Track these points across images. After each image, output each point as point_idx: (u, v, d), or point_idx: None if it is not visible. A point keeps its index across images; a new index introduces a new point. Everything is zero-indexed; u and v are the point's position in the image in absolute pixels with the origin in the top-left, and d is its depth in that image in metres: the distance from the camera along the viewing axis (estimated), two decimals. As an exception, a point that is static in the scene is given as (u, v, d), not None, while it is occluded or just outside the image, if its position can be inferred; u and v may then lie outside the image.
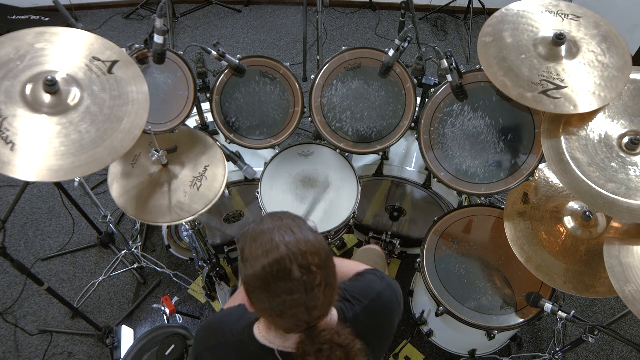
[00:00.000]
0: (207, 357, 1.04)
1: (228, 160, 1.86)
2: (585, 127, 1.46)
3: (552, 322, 2.38)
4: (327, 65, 1.82)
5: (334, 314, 0.99)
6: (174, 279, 2.47)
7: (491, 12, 1.83)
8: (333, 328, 0.91)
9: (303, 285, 0.83)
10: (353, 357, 0.87)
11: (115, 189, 1.68)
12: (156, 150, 1.63)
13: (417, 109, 1.91)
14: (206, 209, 1.66)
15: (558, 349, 2.11)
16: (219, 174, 1.74)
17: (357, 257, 1.78)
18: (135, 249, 2.47)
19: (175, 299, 2.00)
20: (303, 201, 1.88)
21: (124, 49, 1.53)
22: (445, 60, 1.63)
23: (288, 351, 0.94)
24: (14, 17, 3.53)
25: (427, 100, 1.76)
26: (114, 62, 1.43)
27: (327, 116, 1.86)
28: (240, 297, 1.28)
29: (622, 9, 3.38)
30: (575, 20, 1.54)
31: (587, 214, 1.60)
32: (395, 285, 1.13)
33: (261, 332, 0.97)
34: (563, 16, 1.55)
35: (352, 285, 1.09)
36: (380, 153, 1.97)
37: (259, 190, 1.90)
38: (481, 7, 3.80)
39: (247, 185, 2.08)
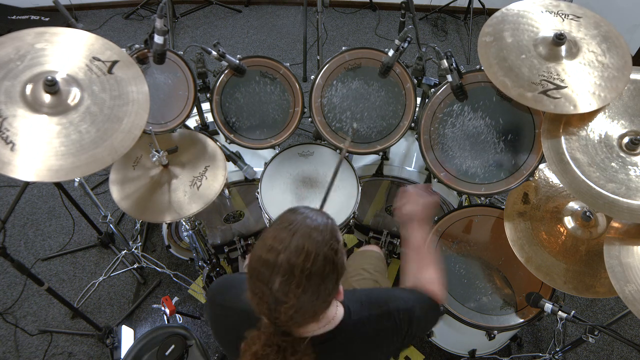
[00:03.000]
0: (217, 310, 1.08)
1: (228, 160, 1.86)
2: (585, 127, 1.46)
3: (552, 322, 2.38)
4: (327, 65, 1.82)
5: (340, 311, 0.99)
6: (174, 279, 2.47)
7: (491, 12, 1.83)
8: (296, 344, 0.89)
9: (273, 297, 0.83)
10: None
11: (117, 192, 1.68)
12: (157, 151, 1.63)
13: (417, 109, 1.91)
14: (205, 206, 1.66)
15: (558, 349, 2.11)
16: (218, 174, 1.74)
17: (356, 260, 1.77)
18: (135, 249, 2.47)
19: (175, 299, 2.00)
20: (303, 201, 1.88)
21: (124, 49, 1.53)
22: (445, 60, 1.63)
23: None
24: (14, 17, 3.53)
25: (427, 100, 1.76)
26: (114, 62, 1.43)
27: (327, 116, 1.86)
28: None
29: (622, 9, 3.38)
30: (576, 21, 1.54)
31: (587, 214, 1.60)
32: (422, 319, 1.09)
33: None
34: (563, 16, 1.55)
35: (373, 292, 1.10)
36: (380, 153, 1.97)
37: (259, 190, 1.90)
38: (481, 7, 3.80)
39: (247, 185, 2.08)
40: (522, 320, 1.70)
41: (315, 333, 0.95)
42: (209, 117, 2.01)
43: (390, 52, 1.71)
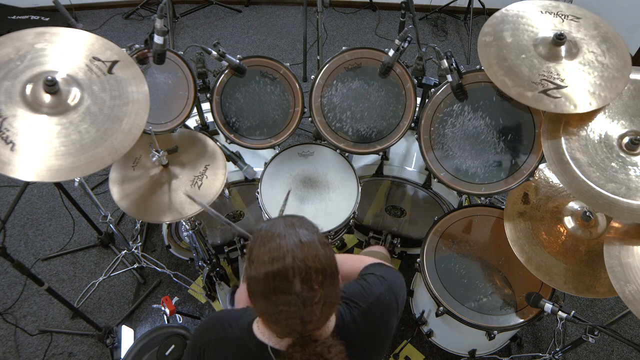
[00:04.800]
0: (206, 352, 1.05)
1: (228, 160, 1.86)
2: (585, 127, 1.46)
3: (552, 322, 2.38)
4: (327, 65, 1.82)
5: (331, 321, 0.99)
6: (174, 279, 2.47)
7: (491, 12, 1.83)
8: (325, 341, 0.90)
9: (301, 300, 0.82)
10: None
11: (117, 192, 1.68)
12: (157, 151, 1.63)
13: (417, 109, 1.91)
14: (206, 205, 1.66)
15: (558, 349, 2.11)
16: (219, 174, 1.74)
17: None
18: (135, 249, 2.47)
19: (175, 299, 2.00)
20: (303, 201, 1.88)
21: (124, 49, 1.53)
22: (445, 60, 1.63)
23: (280, 349, 0.94)
24: (14, 17, 3.54)
25: (427, 100, 1.76)
26: (114, 62, 1.43)
27: (327, 116, 1.86)
28: (243, 299, 1.29)
29: (622, 9, 3.38)
30: (575, 21, 1.54)
31: (587, 214, 1.60)
32: (396, 285, 1.12)
33: (259, 329, 0.98)
34: (563, 17, 1.55)
35: (352, 287, 1.09)
36: (380, 153, 1.97)
37: (259, 190, 1.90)
38: (481, 7, 3.80)
39: (247, 185, 2.08)
40: (522, 320, 1.70)
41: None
42: (209, 117, 2.01)
43: (391, 52, 1.71)
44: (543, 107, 1.42)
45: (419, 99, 1.93)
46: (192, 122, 2.16)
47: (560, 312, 1.54)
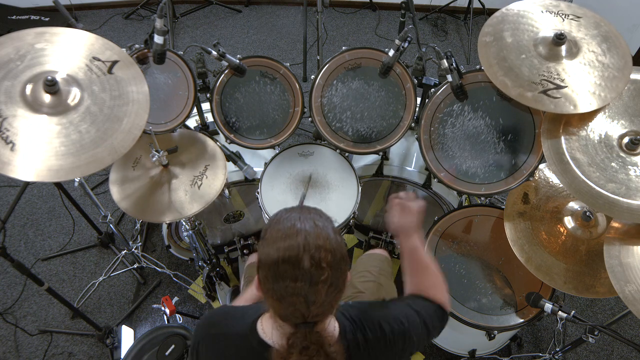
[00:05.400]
0: (205, 345, 1.04)
1: (228, 160, 1.86)
2: (585, 127, 1.46)
3: (552, 322, 2.38)
4: (327, 65, 1.82)
5: (335, 327, 0.98)
6: (174, 279, 2.47)
7: (491, 12, 1.83)
8: (328, 337, 0.91)
9: (309, 276, 0.84)
10: None
11: (117, 192, 1.68)
12: (157, 151, 1.63)
13: (417, 109, 1.91)
14: (206, 206, 1.66)
15: (558, 349, 2.11)
16: (218, 174, 1.74)
17: (362, 262, 1.76)
18: (135, 249, 2.47)
19: (175, 299, 2.00)
20: (303, 201, 1.88)
21: (124, 49, 1.53)
22: (445, 60, 1.63)
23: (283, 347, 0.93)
24: (14, 17, 3.53)
25: (427, 100, 1.76)
26: (114, 62, 1.43)
27: (327, 116, 1.86)
28: (245, 297, 1.28)
29: (622, 9, 3.37)
30: (576, 21, 1.54)
31: (587, 214, 1.60)
32: (418, 322, 1.05)
33: (263, 328, 0.98)
34: (563, 16, 1.55)
35: (366, 307, 1.06)
36: (380, 153, 1.97)
37: (259, 190, 1.90)
38: (481, 7, 3.80)
39: (247, 185, 2.08)
40: (522, 320, 1.70)
41: None
42: (209, 117, 2.01)
43: (391, 52, 1.71)
44: (543, 107, 1.42)
45: (419, 99, 1.93)
46: (192, 122, 2.16)
47: (560, 312, 1.54)
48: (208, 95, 1.86)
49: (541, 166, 1.74)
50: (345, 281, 0.91)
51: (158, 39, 1.59)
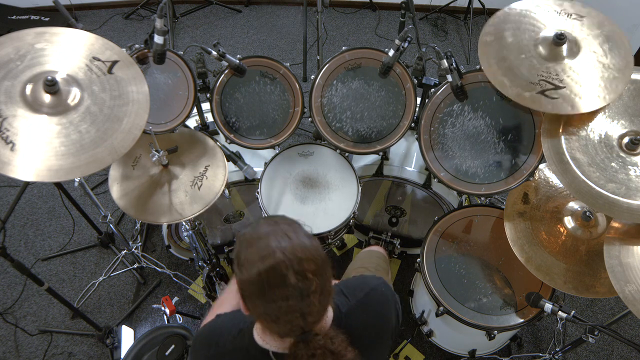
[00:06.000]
0: None
1: (228, 160, 1.86)
2: (585, 127, 1.46)
3: (552, 322, 2.38)
4: (327, 65, 1.82)
5: (329, 309, 0.99)
6: (174, 279, 2.47)
7: (491, 12, 1.83)
8: (327, 333, 0.91)
9: (299, 292, 0.83)
10: None
11: (116, 191, 1.68)
12: (156, 151, 1.63)
13: (417, 109, 1.91)
14: (207, 206, 1.66)
15: (558, 349, 2.11)
16: (219, 174, 1.74)
17: (359, 259, 1.77)
18: (135, 249, 2.47)
19: (175, 299, 2.00)
20: (303, 201, 1.88)
21: (124, 49, 1.53)
22: (445, 60, 1.63)
23: (282, 352, 0.94)
24: (14, 17, 3.53)
25: (427, 100, 1.76)
26: (114, 62, 1.43)
27: (327, 116, 1.86)
28: (227, 302, 1.27)
29: (622, 9, 3.37)
30: (579, 20, 1.53)
31: (587, 214, 1.60)
32: (392, 289, 1.13)
33: (259, 334, 0.97)
34: (566, 15, 1.54)
35: (349, 281, 1.10)
36: (380, 153, 1.97)
37: (259, 190, 1.90)
38: (481, 7, 3.80)
39: (247, 185, 2.08)
40: (522, 320, 1.70)
41: None
42: (209, 117, 2.01)
43: (391, 52, 1.70)
44: (540, 107, 1.42)
45: (419, 99, 1.93)
46: (192, 122, 2.15)
47: (560, 312, 1.54)
48: (208, 95, 1.86)
49: (541, 166, 1.74)
50: (331, 282, 0.91)
51: (158, 39, 1.59)
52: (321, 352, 0.87)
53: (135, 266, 2.50)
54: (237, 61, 1.78)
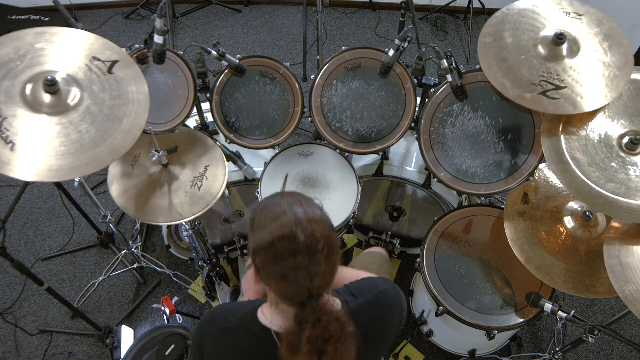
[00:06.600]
0: (209, 342, 1.05)
1: (228, 160, 1.86)
2: (585, 127, 1.46)
3: (552, 322, 2.38)
4: (327, 65, 1.82)
5: (338, 303, 1.00)
6: (174, 279, 2.47)
7: (491, 12, 1.83)
8: (333, 308, 0.93)
9: (307, 249, 0.87)
10: (346, 336, 0.89)
11: (115, 189, 1.68)
12: (156, 151, 1.63)
13: (417, 109, 1.91)
14: (208, 208, 1.66)
15: (558, 349, 2.11)
16: (219, 174, 1.74)
17: (361, 260, 1.77)
18: (135, 249, 2.47)
19: (175, 299, 2.00)
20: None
21: (124, 49, 1.53)
22: (445, 60, 1.63)
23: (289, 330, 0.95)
24: (14, 17, 3.53)
25: (427, 100, 1.76)
26: (114, 62, 1.43)
27: (327, 116, 1.86)
28: (248, 282, 1.29)
29: (622, 9, 3.37)
30: (578, 19, 1.53)
31: (587, 214, 1.60)
32: (401, 293, 1.14)
33: (264, 314, 0.99)
34: (565, 14, 1.54)
35: (357, 282, 1.12)
36: (380, 153, 1.97)
37: (259, 190, 1.90)
38: (481, 7, 3.80)
39: (247, 185, 2.08)
40: (522, 320, 1.70)
41: None
42: (209, 117, 2.01)
43: (391, 52, 1.70)
44: (542, 108, 1.42)
45: (419, 99, 1.93)
46: (192, 122, 2.15)
47: (560, 312, 1.54)
48: (208, 95, 1.86)
49: (541, 166, 1.74)
50: (339, 250, 0.95)
51: (158, 39, 1.59)
52: (327, 319, 0.88)
53: (135, 266, 2.50)
54: (237, 61, 1.78)
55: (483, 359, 2.15)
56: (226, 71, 1.82)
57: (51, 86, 1.29)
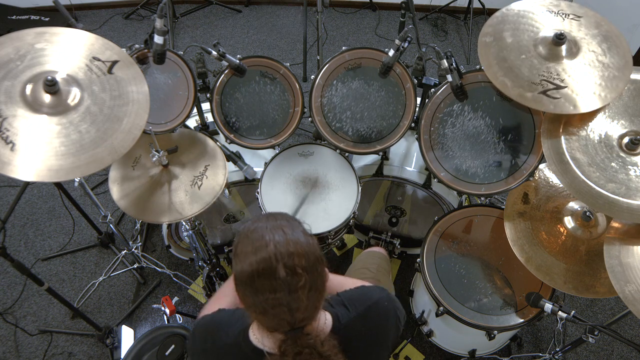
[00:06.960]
0: (202, 358, 1.05)
1: (228, 160, 1.86)
2: (585, 127, 1.46)
3: (552, 322, 2.38)
4: (327, 65, 1.82)
5: (328, 318, 0.99)
6: (174, 279, 2.47)
7: (491, 12, 1.83)
8: (319, 335, 0.91)
9: (286, 285, 0.84)
10: None
11: (116, 191, 1.68)
12: (157, 151, 1.63)
13: (417, 109, 1.91)
14: (207, 207, 1.66)
15: (558, 349, 2.11)
16: (219, 174, 1.74)
17: (361, 259, 1.77)
18: (135, 249, 2.47)
19: (175, 299, 2.00)
20: (303, 201, 1.88)
21: (124, 49, 1.53)
22: (445, 60, 1.63)
23: (275, 353, 0.94)
24: (14, 17, 3.53)
25: (427, 100, 1.76)
26: (114, 62, 1.43)
27: (327, 116, 1.86)
28: (228, 296, 1.28)
29: (622, 9, 3.37)
30: (576, 20, 1.54)
31: (587, 214, 1.60)
32: (396, 300, 1.12)
33: (255, 334, 0.98)
34: (564, 16, 1.55)
35: (351, 292, 1.09)
36: (380, 153, 1.97)
37: (259, 190, 1.90)
38: (481, 7, 3.80)
39: (247, 185, 2.08)
40: (522, 320, 1.70)
41: None
42: (209, 117, 2.01)
43: (391, 52, 1.70)
44: (542, 107, 1.42)
45: (419, 99, 1.93)
46: (192, 122, 2.16)
47: (560, 312, 1.54)
48: (208, 95, 1.86)
49: (541, 166, 1.74)
50: (324, 281, 0.92)
51: (158, 39, 1.59)
52: (308, 352, 0.87)
53: (135, 266, 2.50)
54: (237, 61, 1.78)
55: (483, 359, 2.15)
56: (226, 71, 1.82)
57: (51, 86, 1.29)
